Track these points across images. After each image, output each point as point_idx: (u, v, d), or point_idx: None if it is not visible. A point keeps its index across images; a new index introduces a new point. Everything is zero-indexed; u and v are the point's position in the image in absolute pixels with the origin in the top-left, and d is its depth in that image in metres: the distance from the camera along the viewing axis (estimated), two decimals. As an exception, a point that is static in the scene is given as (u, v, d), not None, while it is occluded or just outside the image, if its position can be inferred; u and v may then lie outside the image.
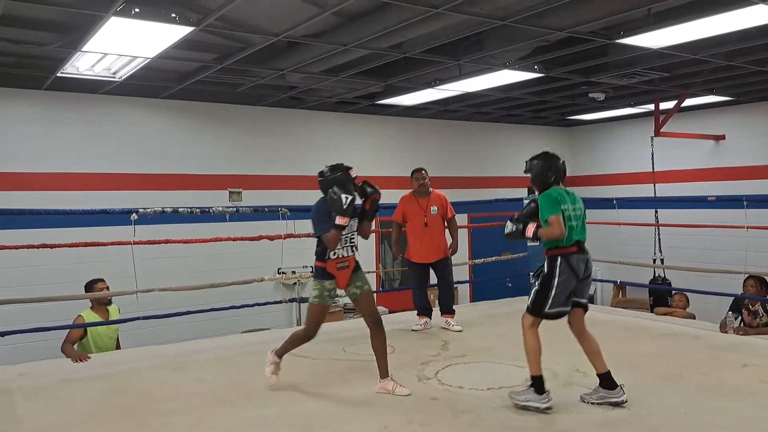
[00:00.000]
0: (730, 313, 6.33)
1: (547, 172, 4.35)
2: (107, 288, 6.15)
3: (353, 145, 10.71)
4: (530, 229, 4.24)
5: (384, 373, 4.60)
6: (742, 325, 6.23)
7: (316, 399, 4.46)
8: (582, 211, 4.38)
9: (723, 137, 10.94)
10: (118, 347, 6.28)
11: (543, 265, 4.25)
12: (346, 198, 4.34)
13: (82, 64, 6.91)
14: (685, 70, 8.01)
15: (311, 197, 9.76)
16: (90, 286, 6.14)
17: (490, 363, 5.32)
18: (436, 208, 6.58)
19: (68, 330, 5.84)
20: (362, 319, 4.81)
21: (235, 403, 4.44)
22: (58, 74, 7.19)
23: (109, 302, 6.16)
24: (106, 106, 8.74)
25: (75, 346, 5.82)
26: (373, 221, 4.91)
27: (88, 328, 5.93)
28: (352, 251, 4.67)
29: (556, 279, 4.14)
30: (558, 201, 4.19)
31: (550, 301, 4.15)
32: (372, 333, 4.63)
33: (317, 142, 10.44)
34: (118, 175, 8.81)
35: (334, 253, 4.54)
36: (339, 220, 4.37)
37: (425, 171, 6.68)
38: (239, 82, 8.19)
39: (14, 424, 4.13)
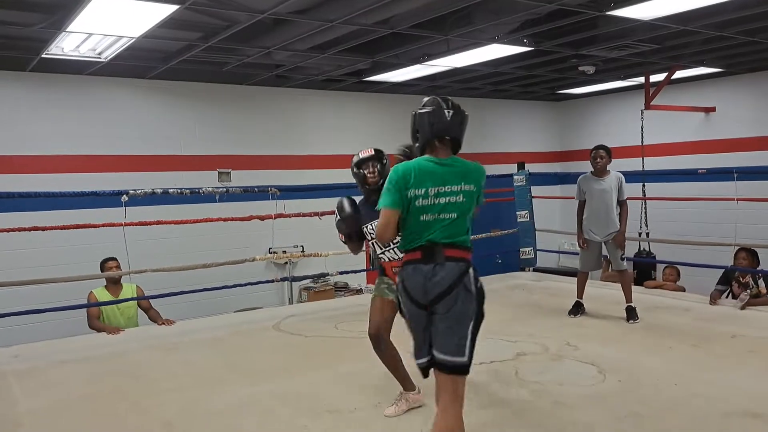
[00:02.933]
0: (719, 285, 6.39)
1: (415, 132, 2.94)
2: (118, 267, 6.34)
3: (341, 123, 10.63)
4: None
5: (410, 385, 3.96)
6: (730, 297, 6.28)
7: (309, 376, 4.49)
8: (467, 197, 3.00)
9: (713, 109, 10.93)
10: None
11: None
12: (335, 218, 3.73)
13: (67, 45, 6.82)
14: (675, 41, 7.97)
15: (300, 177, 9.73)
16: (102, 265, 6.37)
17: (480, 338, 5.34)
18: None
19: (86, 309, 6.10)
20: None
21: (228, 382, 4.47)
22: (43, 55, 7.09)
23: (118, 281, 6.33)
24: (92, 87, 8.64)
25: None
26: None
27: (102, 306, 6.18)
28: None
29: (401, 303, 2.94)
30: (398, 183, 2.85)
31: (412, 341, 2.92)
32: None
33: (305, 120, 10.36)
34: (105, 156, 8.73)
35: (388, 257, 3.81)
36: (340, 236, 3.79)
37: (409, 149, 6.62)
38: (225, 60, 8.11)
39: (10, 406, 4.15)
